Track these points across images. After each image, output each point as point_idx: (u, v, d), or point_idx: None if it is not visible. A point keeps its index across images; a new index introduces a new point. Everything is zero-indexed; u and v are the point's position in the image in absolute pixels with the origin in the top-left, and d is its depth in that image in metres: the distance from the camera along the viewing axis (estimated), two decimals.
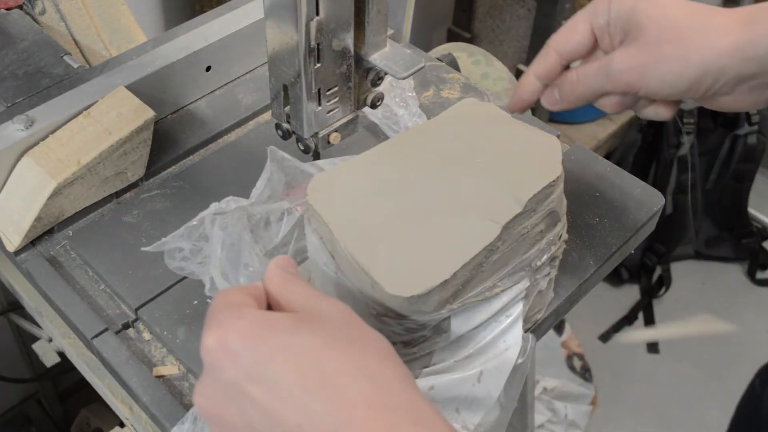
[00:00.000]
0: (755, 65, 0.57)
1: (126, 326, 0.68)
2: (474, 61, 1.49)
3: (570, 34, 0.64)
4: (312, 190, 0.59)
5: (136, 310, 0.69)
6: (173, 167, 0.82)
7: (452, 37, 2.16)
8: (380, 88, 0.72)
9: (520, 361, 0.60)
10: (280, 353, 0.43)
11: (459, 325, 0.58)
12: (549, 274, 0.64)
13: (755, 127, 2.02)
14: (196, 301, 0.69)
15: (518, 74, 1.99)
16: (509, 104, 0.69)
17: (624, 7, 0.60)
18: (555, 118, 2.18)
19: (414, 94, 0.84)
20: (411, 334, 0.56)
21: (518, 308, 0.61)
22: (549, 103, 0.66)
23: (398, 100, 0.83)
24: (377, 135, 0.83)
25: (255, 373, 0.43)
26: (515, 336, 0.60)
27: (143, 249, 0.65)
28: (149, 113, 0.75)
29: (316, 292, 0.49)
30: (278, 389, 0.42)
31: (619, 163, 2.02)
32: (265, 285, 0.50)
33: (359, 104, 0.72)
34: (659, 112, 0.64)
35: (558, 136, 0.66)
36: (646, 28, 0.59)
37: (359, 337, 0.45)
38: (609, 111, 0.65)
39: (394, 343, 0.57)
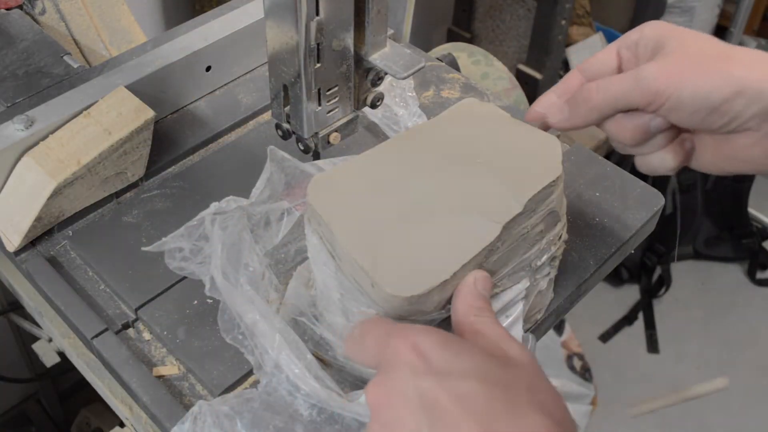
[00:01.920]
0: None
1: (126, 326, 0.68)
2: (474, 61, 1.49)
3: (596, 56, 0.62)
4: (312, 189, 0.59)
5: (136, 310, 0.69)
6: (173, 167, 0.82)
7: (452, 37, 2.16)
8: (380, 88, 0.72)
9: None
10: (474, 372, 0.45)
11: None
12: (549, 274, 0.64)
13: None
14: (196, 301, 0.69)
15: (518, 74, 1.99)
16: (526, 115, 0.65)
17: (660, 30, 0.58)
18: None
19: (414, 94, 0.84)
20: None
21: (518, 308, 0.61)
22: (555, 115, 0.62)
23: (398, 100, 0.83)
24: (377, 135, 0.83)
25: (446, 383, 0.45)
26: (515, 336, 0.60)
27: (143, 249, 0.65)
28: (149, 113, 0.75)
29: (506, 332, 0.51)
30: (467, 403, 0.44)
31: (619, 163, 2.01)
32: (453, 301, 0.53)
33: (359, 104, 0.72)
34: (665, 160, 0.60)
35: (558, 136, 0.66)
36: (687, 45, 0.56)
37: (545, 399, 0.46)
38: (621, 138, 0.60)
39: None
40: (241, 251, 0.63)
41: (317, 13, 0.61)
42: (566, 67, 2.18)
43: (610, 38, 2.24)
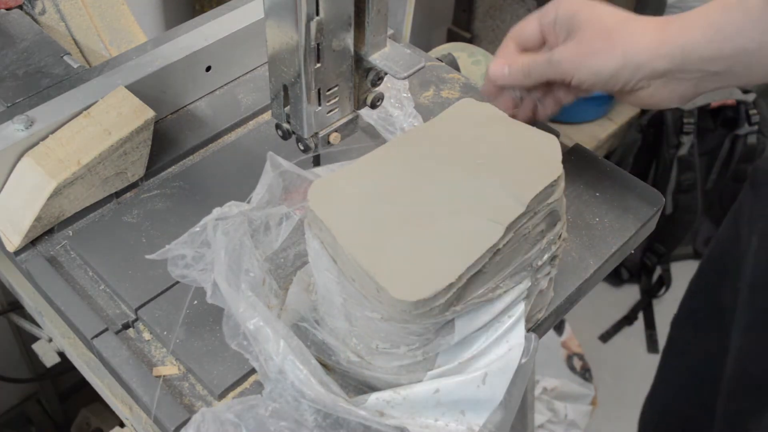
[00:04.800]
0: (666, 62, 0.65)
1: (126, 326, 0.68)
2: (474, 61, 1.49)
3: (523, 27, 0.75)
4: (312, 195, 0.58)
5: (136, 310, 0.68)
6: (173, 167, 0.82)
7: (452, 37, 2.16)
8: (377, 89, 0.72)
9: (523, 361, 0.60)
10: None
11: (463, 327, 0.58)
12: (549, 273, 0.64)
13: (755, 127, 2.02)
14: (196, 301, 0.69)
15: None
16: (482, 89, 0.78)
17: (568, 10, 0.70)
18: (555, 118, 2.18)
19: (409, 94, 0.84)
20: (416, 337, 0.56)
21: (520, 308, 0.61)
22: (497, 73, 0.75)
23: (393, 100, 0.83)
24: (373, 136, 0.83)
25: None
26: (518, 336, 0.60)
27: (147, 257, 0.65)
28: (149, 113, 0.75)
29: None
30: None
31: (619, 163, 2.01)
32: None
33: (359, 104, 0.72)
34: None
35: (558, 136, 0.66)
36: (584, 28, 0.68)
37: None
38: (549, 109, 0.75)
39: (398, 346, 0.57)
40: (241, 257, 0.63)
41: (317, 13, 0.61)
42: None
43: None
